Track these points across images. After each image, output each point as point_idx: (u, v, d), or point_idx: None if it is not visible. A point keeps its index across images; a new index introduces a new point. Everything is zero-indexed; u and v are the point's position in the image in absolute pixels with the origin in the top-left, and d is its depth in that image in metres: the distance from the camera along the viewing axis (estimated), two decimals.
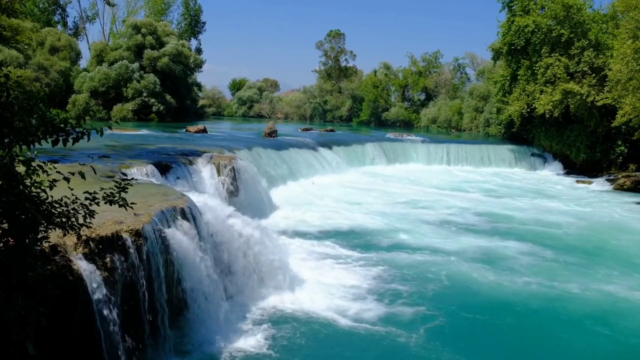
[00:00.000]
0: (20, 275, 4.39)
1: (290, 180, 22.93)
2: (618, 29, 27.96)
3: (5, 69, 4.61)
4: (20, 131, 4.46)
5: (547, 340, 9.12)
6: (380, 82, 67.68)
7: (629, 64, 24.24)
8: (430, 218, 18.09)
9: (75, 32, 64.35)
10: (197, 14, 69.68)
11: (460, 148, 35.11)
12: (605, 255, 14.41)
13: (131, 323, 6.85)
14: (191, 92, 56.55)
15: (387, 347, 8.40)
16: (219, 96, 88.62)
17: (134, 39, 50.21)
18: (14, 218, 4.43)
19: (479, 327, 9.47)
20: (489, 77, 47.07)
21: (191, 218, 8.90)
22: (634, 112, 24.88)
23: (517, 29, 32.63)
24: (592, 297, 10.99)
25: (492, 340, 9.06)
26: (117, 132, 27.69)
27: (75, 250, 6.29)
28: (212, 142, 23.85)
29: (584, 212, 20.68)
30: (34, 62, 45.92)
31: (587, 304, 10.66)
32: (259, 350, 8.10)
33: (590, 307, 10.50)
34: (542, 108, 31.10)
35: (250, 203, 16.13)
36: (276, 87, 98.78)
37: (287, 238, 14.33)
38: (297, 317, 9.36)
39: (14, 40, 30.29)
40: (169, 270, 7.83)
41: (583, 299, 10.92)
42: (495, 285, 11.49)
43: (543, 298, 10.89)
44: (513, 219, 18.63)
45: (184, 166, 15.43)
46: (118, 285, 6.71)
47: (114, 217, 7.11)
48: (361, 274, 11.79)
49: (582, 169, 32.24)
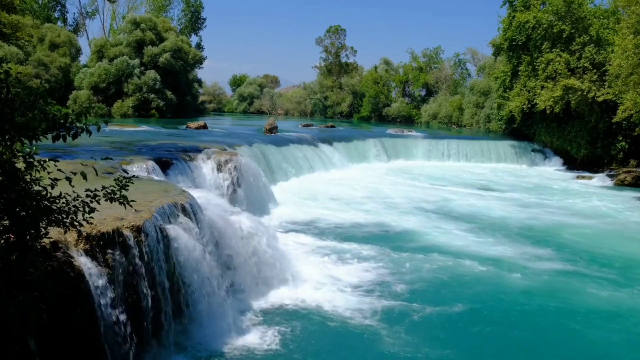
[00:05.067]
0: (21, 272, 4.39)
1: (291, 176, 22.95)
2: (619, 24, 27.88)
3: (6, 66, 4.60)
4: (21, 127, 4.45)
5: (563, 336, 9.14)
6: (381, 78, 67.58)
7: (629, 59, 24.16)
8: (434, 214, 18.09)
9: (75, 29, 64.30)
10: (197, 10, 69.58)
11: (460, 144, 35.10)
12: (610, 257, 14.35)
13: (132, 319, 6.84)
14: (192, 88, 56.52)
15: (392, 343, 8.40)
16: (219, 92, 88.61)
17: (133, 34, 50.12)
18: (15, 215, 4.42)
19: (472, 320, 9.47)
20: (489, 73, 46.98)
21: (192, 214, 8.90)
22: (634, 108, 24.84)
23: (518, 25, 32.57)
24: (593, 297, 11.00)
25: (487, 335, 9.07)
26: (117, 129, 27.70)
27: (76, 246, 6.29)
28: (212, 138, 23.85)
29: (584, 207, 20.67)
30: (34, 58, 45.90)
31: (587, 303, 10.68)
32: (260, 347, 8.11)
33: (591, 304, 10.51)
34: (542, 104, 31.07)
35: (251, 199, 16.13)
36: (276, 83, 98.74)
37: (288, 234, 14.33)
38: (299, 313, 9.36)
39: (14, 37, 30.22)
40: (170, 267, 7.83)
41: (583, 297, 10.93)
42: (497, 278, 11.51)
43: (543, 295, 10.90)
44: (508, 217, 18.62)
45: (185, 162, 15.42)
46: (119, 282, 6.71)
47: (115, 213, 7.10)
48: (364, 269, 11.78)
49: (583, 165, 32.22)
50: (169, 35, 52.37)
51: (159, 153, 15.89)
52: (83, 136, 4.77)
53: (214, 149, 17.42)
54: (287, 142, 26.20)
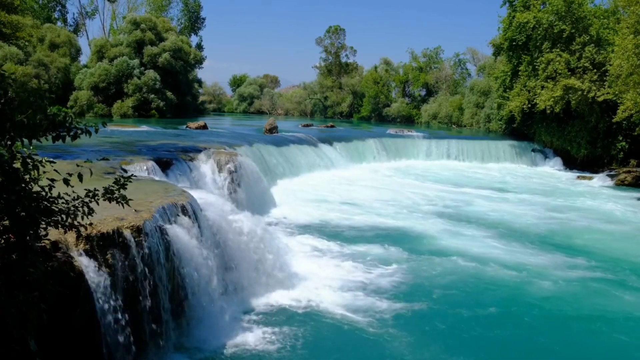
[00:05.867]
0: (21, 272, 4.39)
1: (291, 176, 22.95)
2: (619, 24, 27.90)
3: (6, 66, 4.61)
4: (22, 127, 4.45)
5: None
6: (381, 78, 67.60)
7: (629, 59, 24.18)
8: (432, 213, 18.09)
9: (75, 29, 64.30)
10: (196, 10, 69.60)
11: (460, 144, 35.11)
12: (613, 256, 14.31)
13: (132, 319, 6.85)
14: (192, 89, 56.53)
15: (391, 344, 8.40)
16: (219, 92, 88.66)
17: (133, 34, 50.14)
18: (15, 215, 4.43)
19: (474, 321, 9.48)
20: (489, 73, 46.98)
21: (192, 214, 8.90)
22: (635, 108, 24.86)
23: (518, 25, 32.59)
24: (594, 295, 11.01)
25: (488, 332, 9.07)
26: (117, 129, 27.71)
27: (76, 246, 6.29)
28: (212, 138, 23.84)
29: (584, 207, 20.68)
30: (34, 58, 45.91)
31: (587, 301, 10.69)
32: (260, 347, 8.11)
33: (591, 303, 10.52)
34: (543, 104, 31.08)
35: (251, 199, 16.13)
36: (276, 83, 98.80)
37: (288, 234, 14.34)
38: (299, 313, 9.37)
39: (14, 37, 30.21)
40: (170, 267, 7.83)
41: (583, 294, 10.94)
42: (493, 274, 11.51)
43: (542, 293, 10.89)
44: (513, 213, 18.63)
45: (185, 162, 15.43)
46: (119, 282, 6.71)
47: (115, 213, 7.10)
48: (363, 269, 11.78)
49: (583, 165, 32.24)
50: (169, 36, 52.39)
51: (159, 153, 15.88)
52: (83, 136, 4.78)
53: (214, 149, 17.42)
54: (287, 142, 26.21)
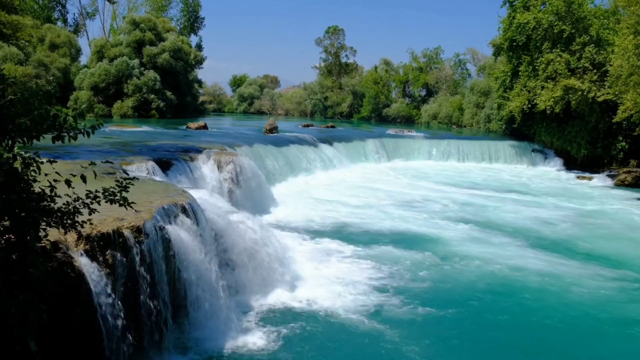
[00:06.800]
0: (21, 272, 4.39)
1: (291, 176, 22.96)
2: (619, 24, 27.90)
3: (6, 67, 4.62)
4: (22, 127, 4.46)
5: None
6: (381, 78, 67.61)
7: (630, 59, 24.18)
8: (432, 212, 18.10)
9: (75, 29, 64.30)
10: (195, 9, 69.53)
11: (461, 144, 35.12)
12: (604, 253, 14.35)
13: (132, 319, 6.85)
14: (192, 89, 56.51)
15: (392, 344, 8.40)
16: (219, 92, 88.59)
17: (133, 34, 50.13)
18: (15, 215, 4.43)
19: (470, 317, 9.48)
20: (489, 73, 46.98)
21: (192, 214, 8.90)
22: (635, 108, 24.86)
23: (518, 25, 32.58)
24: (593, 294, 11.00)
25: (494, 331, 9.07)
26: (117, 129, 27.73)
27: (76, 247, 6.29)
28: (212, 138, 23.86)
29: (583, 208, 20.67)
30: (34, 59, 45.89)
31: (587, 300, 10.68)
32: (260, 347, 8.11)
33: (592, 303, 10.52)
34: (543, 104, 31.07)
35: (251, 199, 16.14)
36: (276, 83, 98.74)
37: (288, 234, 14.33)
38: (299, 313, 9.36)
39: (14, 37, 30.21)
40: (170, 267, 7.83)
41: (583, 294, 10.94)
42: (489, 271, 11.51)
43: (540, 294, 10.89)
44: (507, 216, 18.63)
45: (185, 163, 15.43)
46: (119, 282, 6.72)
47: (115, 213, 7.10)
48: (364, 269, 11.78)
49: (583, 165, 32.22)
50: (169, 36, 52.36)
51: (159, 153, 15.89)
52: (83, 137, 4.78)
53: (214, 149, 17.43)
54: (287, 143, 26.22)
